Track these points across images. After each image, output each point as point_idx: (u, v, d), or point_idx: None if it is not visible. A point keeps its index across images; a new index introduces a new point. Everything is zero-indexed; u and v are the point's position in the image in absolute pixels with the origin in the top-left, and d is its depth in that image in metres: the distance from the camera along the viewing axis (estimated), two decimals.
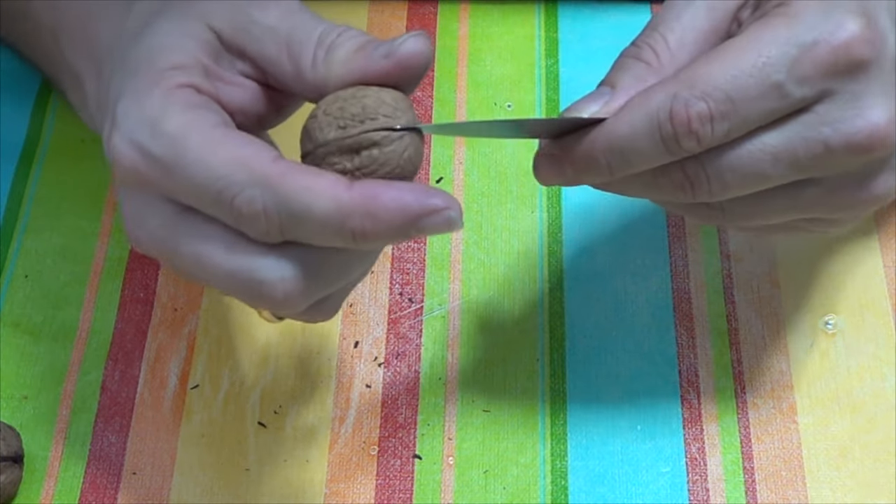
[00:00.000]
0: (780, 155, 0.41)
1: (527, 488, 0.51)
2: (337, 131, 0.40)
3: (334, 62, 0.41)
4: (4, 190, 0.60)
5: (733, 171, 0.42)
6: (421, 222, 0.38)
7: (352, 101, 0.40)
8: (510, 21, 0.66)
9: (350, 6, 0.66)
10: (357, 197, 0.38)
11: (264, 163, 0.39)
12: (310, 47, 0.41)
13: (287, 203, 0.38)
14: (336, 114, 0.40)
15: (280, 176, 0.38)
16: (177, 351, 0.55)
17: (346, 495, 0.51)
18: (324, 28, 0.41)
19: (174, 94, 0.40)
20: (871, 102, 0.41)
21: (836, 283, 0.57)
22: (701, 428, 0.53)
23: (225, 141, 0.39)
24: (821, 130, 0.41)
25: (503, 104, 0.63)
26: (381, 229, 0.38)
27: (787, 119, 0.41)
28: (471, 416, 0.53)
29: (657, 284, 0.57)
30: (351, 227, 0.38)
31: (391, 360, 0.55)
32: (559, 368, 0.54)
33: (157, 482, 0.52)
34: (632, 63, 0.43)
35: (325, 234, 0.39)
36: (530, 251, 0.58)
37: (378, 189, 0.38)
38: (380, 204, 0.38)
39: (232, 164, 0.39)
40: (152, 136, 0.39)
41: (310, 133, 0.40)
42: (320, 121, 0.40)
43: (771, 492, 0.51)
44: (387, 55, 0.40)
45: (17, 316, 0.56)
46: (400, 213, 0.38)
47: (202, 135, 0.39)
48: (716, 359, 0.55)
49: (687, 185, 0.42)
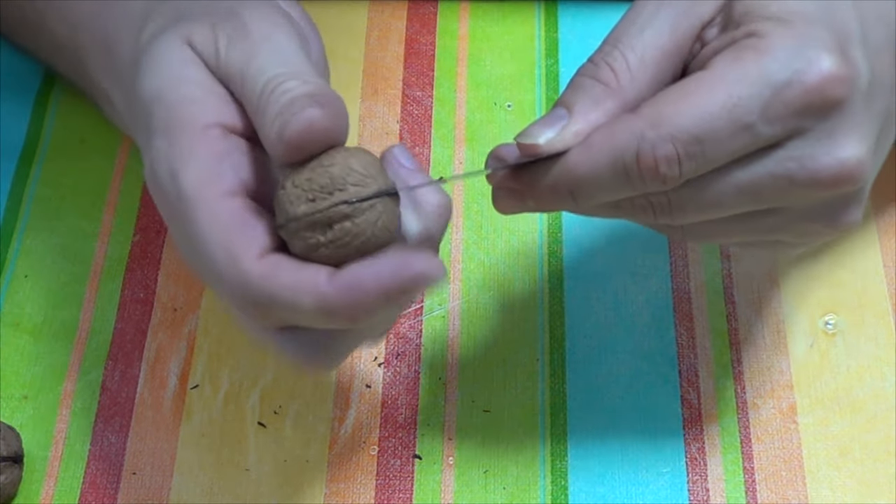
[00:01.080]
0: (745, 189, 0.40)
1: (527, 488, 0.51)
2: (307, 205, 0.39)
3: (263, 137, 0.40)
4: (4, 190, 0.60)
5: (696, 202, 0.41)
6: (406, 295, 0.38)
7: (319, 171, 0.39)
8: (510, 21, 0.66)
9: (350, 6, 0.66)
10: (339, 289, 0.38)
11: (251, 258, 0.38)
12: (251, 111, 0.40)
13: (274, 303, 0.38)
14: (304, 186, 0.39)
15: (261, 278, 0.38)
16: (177, 351, 0.55)
17: (346, 495, 0.51)
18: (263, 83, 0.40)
19: (200, 141, 0.40)
20: (841, 140, 0.40)
21: (836, 283, 0.57)
22: (701, 428, 0.53)
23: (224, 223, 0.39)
24: (787, 166, 0.40)
25: (503, 104, 0.63)
26: (368, 311, 0.38)
27: (754, 155, 0.40)
28: (471, 416, 0.53)
29: (657, 284, 0.57)
30: (340, 317, 0.38)
31: (391, 360, 0.55)
32: (559, 368, 0.54)
33: (157, 482, 0.52)
34: (589, 84, 0.42)
35: (318, 322, 0.39)
36: (530, 251, 0.58)
37: (357, 274, 0.38)
38: (362, 292, 0.38)
39: (224, 253, 0.39)
40: (172, 186, 0.40)
41: (281, 205, 0.39)
42: (289, 193, 0.39)
43: (771, 492, 0.51)
44: (279, 137, 0.39)
45: (17, 316, 0.56)
46: (382, 293, 0.38)
47: (209, 208, 0.39)
48: (716, 359, 0.55)
49: (649, 209, 0.42)
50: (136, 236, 0.58)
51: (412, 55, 0.64)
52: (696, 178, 0.40)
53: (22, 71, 0.62)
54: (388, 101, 0.63)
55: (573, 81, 0.42)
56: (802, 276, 0.57)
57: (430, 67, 0.64)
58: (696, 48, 0.42)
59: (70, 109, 0.62)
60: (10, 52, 0.63)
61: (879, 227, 0.58)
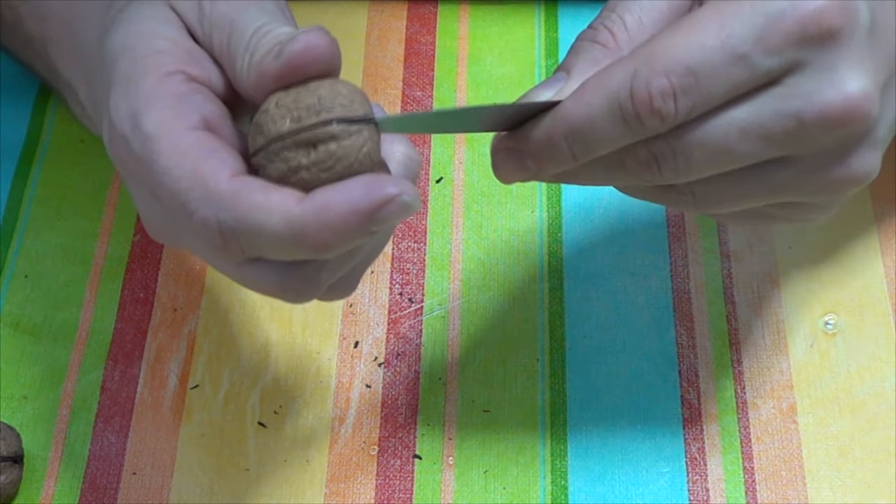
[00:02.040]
0: (750, 130, 0.39)
1: (527, 488, 0.51)
2: (291, 124, 0.38)
3: (252, 67, 0.39)
4: (4, 190, 0.60)
5: (701, 148, 0.40)
6: (376, 216, 0.37)
7: (305, 93, 0.38)
8: (510, 21, 0.66)
9: (350, 6, 0.66)
10: (308, 209, 0.37)
11: (220, 180, 0.37)
12: (240, 51, 0.40)
13: (241, 225, 0.37)
14: (290, 105, 0.38)
15: (232, 195, 0.37)
16: (177, 351, 0.55)
17: (346, 495, 0.51)
18: (255, 27, 0.40)
19: (161, 84, 0.39)
20: (844, 74, 0.39)
21: (836, 283, 0.57)
22: (701, 428, 0.53)
23: (190, 151, 0.38)
24: (792, 103, 0.39)
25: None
26: (339, 236, 0.37)
27: (756, 92, 0.39)
28: (471, 416, 0.53)
29: (657, 284, 0.57)
30: (308, 241, 0.37)
31: (391, 360, 0.55)
32: (559, 368, 0.54)
33: (157, 482, 0.52)
34: (587, 46, 0.42)
35: (286, 249, 0.38)
36: (530, 251, 0.58)
37: (328, 195, 0.37)
38: (331, 211, 0.36)
39: (191, 178, 0.37)
40: (133, 132, 0.39)
41: (261, 127, 0.38)
42: (272, 114, 0.38)
43: (771, 492, 0.51)
44: (278, 55, 0.38)
45: (17, 316, 0.56)
46: (352, 214, 0.36)
47: (171, 141, 0.38)
48: (716, 359, 0.55)
49: (653, 163, 0.40)
50: (136, 236, 0.58)
51: (412, 55, 0.64)
52: (698, 121, 0.39)
53: (22, 73, 0.62)
54: (388, 101, 0.63)
55: (573, 46, 0.42)
56: (802, 276, 0.57)
57: (430, 67, 0.64)
58: (695, 7, 0.41)
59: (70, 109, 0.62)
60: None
61: (879, 227, 0.58)
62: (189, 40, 0.41)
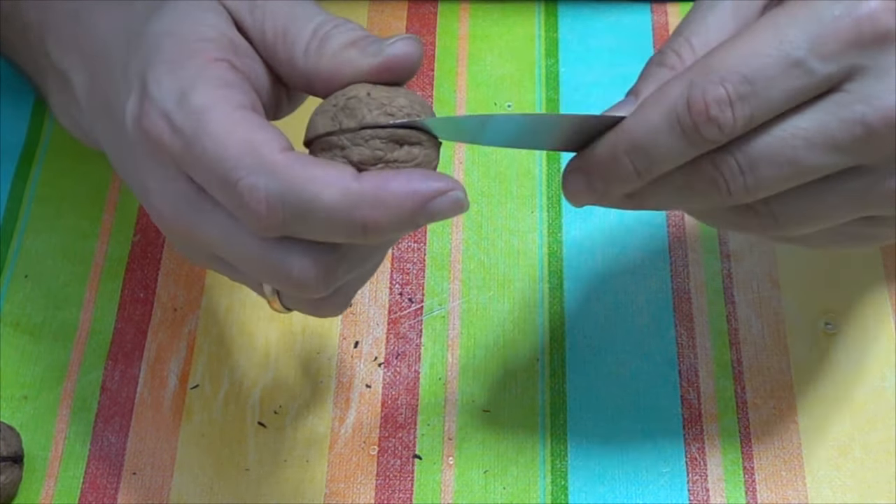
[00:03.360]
0: (815, 138, 0.39)
1: (527, 488, 0.51)
2: (386, 117, 0.39)
3: (325, 54, 0.40)
4: (4, 190, 0.60)
5: (767, 160, 0.39)
6: (430, 206, 0.38)
7: (395, 93, 0.39)
8: (510, 21, 0.66)
9: (350, 6, 0.66)
10: (367, 186, 0.37)
11: (274, 151, 0.38)
12: (304, 36, 0.41)
13: (293, 193, 0.37)
14: (383, 100, 0.39)
15: (287, 166, 0.38)
16: (177, 351, 0.55)
17: (346, 495, 0.51)
18: (322, 18, 0.41)
19: (209, 68, 0.40)
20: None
21: (836, 283, 0.57)
22: (701, 428, 0.53)
23: (242, 123, 0.39)
24: (856, 109, 0.38)
25: (503, 104, 0.63)
26: (391, 218, 0.38)
27: (818, 100, 0.39)
28: (471, 416, 0.53)
29: (657, 284, 0.57)
30: (360, 218, 0.37)
31: (391, 360, 0.55)
32: (559, 368, 0.54)
33: (157, 482, 0.52)
34: (655, 70, 0.42)
35: (332, 225, 0.38)
36: (530, 251, 0.58)
37: (386, 177, 0.38)
38: (388, 191, 0.37)
39: (243, 146, 0.38)
40: (179, 106, 0.39)
41: (352, 110, 0.39)
42: (366, 102, 0.39)
43: (771, 492, 0.51)
44: (376, 54, 0.40)
45: (17, 316, 0.56)
46: (409, 197, 0.37)
47: (223, 113, 0.39)
48: (716, 359, 0.55)
49: (720, 180, 0.40)
50: (136, 236, 0.58)
51: None
52: (760, 131, 0.39)
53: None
54: None
55: (642, 72, 0.43)
56: (802, 276, 0.57)
57: (430, 67, 0.64)
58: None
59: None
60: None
61: None
62: (235, 33, 0.42)
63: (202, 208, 0.40)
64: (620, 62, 0.64)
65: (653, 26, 0.65)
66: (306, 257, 0.39)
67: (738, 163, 0.40)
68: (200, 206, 0.40)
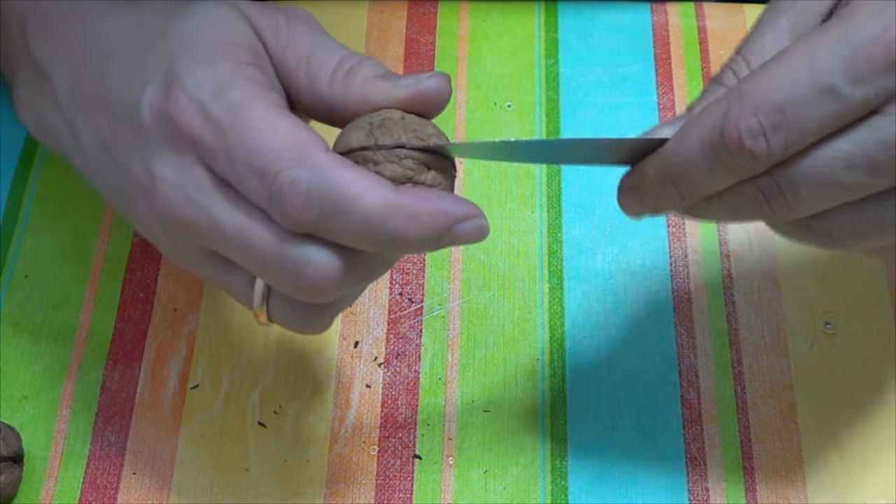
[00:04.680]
0: (855, 161, 0.39)
1: (527, 488, 0.51)
2: (419, 142, 0.41)
3: (354, 82, 0.42)
4: (4, 190, 0.60)
5: (808, 183, 0.39)
6: (457, 228, 0.40)
7: (424, 122, 0.42)
8: (510, 21, 0.66)
9: (350, 6, 0.66)
10: (403, 199, 0.39)
11: (319, 149, 0.39)
12: (329, 65, 0.42)
13: (334, 191, 0.39)
14: (415, 126, 0.41)
15: (333, 165, 0.39)
16: (177, 351, 0.55)
17: (346, 495, 0.51)
18: (347, 52, 0.43)
19: (243, 69, 0.41)
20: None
21: (836, 283, 0.57)
22: (701, 428, 0.53)
23: (286, 120, 0.40)
24: (892, 131, 0.38)
25: (503, 104, 0.63)
26: (421, 233, 0.39)
27: (857, 123, 0.39)
28: (471, 416, 0.53)
29: (657, 284, 0.57)
30: (392, 227, 0.39)
31: (391, 360, 0.55)
32: (559, 368, 0.54)
33: (157, 482, 0.52)
34: (713, 88, 0.42)
35: (364, 230, 0.39)
36: (530, 251, 0.58)
37: (421, 194, 0.40)
38: (423, 207, 0.39)
39: (288, 140, 0.39)
40: (216, 98, 0.40)
41: (390, 131, 0.41)
42: (401, 124, 0.41)
43: (771, 492, 0.51)
44: (411, 85, 0.42)
45: (17, 316, 0.56)
46: (441, 216, 0.39)
47: (264, 109, 0.40)
48: (716, 359, 0.55)
49: (762, 200, 0.40)
50: (136, 236, 0.58)
51: (412, 55, 0.64)
52: (800, 157, 0.39)
53: None
54: None
55: (703, 90, 0.43)
56: (802, 276, 0.57)
57: (430, 67, 0.64)
58: None
59: None
60: None
61: None
62: (258, 43, 0.43)
63: (217, 198, 0.41)
64: (620, 62, 0.64)
65: (653, 26, 0.65)
66: (323, 257, 0.40)
67: (778, 185, 0.40)
68: (216, 196, 0.41)
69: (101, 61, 0.45)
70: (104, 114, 0.44)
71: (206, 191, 0.41)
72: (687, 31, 0.65)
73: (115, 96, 0.44)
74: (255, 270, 0.42)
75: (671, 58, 0.64)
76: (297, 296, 0.41)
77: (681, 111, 0.62)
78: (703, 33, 0.65)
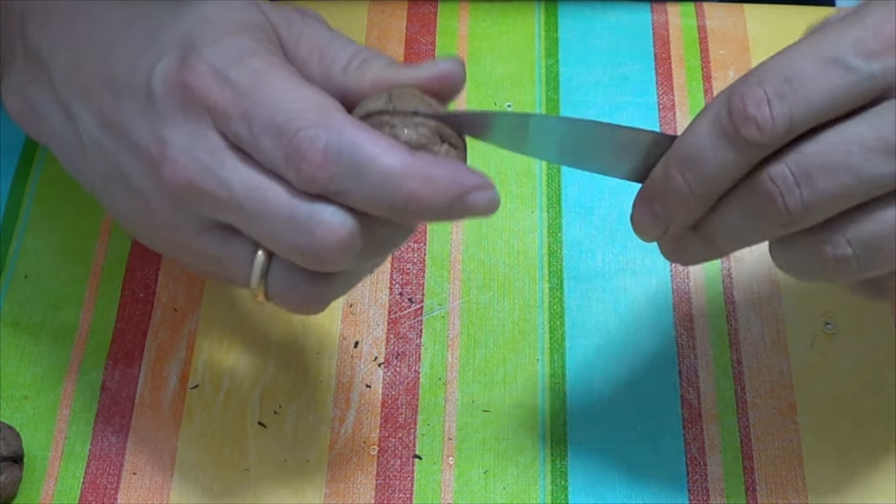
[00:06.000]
0: (870, 143, 0.38)
1: (527, 488, 0.51)
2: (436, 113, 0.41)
3: (369, 69, 0.43)
4: (4, 190, 0.60)
5: (821, 168, 0.38)
6: (470, 197, 0.40)
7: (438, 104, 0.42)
8: (510, 21, 0.66)
9: (350, 6, 0.66)
10: (420, 162, 0.40)
11: (338, 110, 0.40)
12: (343, 56, 0.43)
13: (352, 150, 0.39)
14: (432, 101, 0.42)
15: (352, 125, 0.40)
16: (177, 351, 0.55)
17: (346, 495, 0.51)
18: (361, 47, 0.44)
19: (262, 43, 0.42)
20: None
21: (836, 283, 0.57)
22: (701, 428, 0.53)
23: (305, 86, 0.41)
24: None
25: (503, 104, 0.63)
26: (435, 198, 0.39)
27: (872, 105, 0.38)
28: (471, 416, 0.53)
29: (657, 284, 0.57)
30: (407, 189, 0.39)
31: (391, 360, 0.55)
32: (559, 368, 0.54)
33: (157, 482, 0.52)
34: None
35: (380, 191, 0.39)
36: (530, 251, 0.58)
37: (436, 160, 0.40)
38: (439, 172, 0.40)
39: (309, 102, 0.40)
40: (236, 64, 0.41)
41: (408, 99, 0.41)
42: (418, 97, 0.42)
43: (771, 492, 0.51)
44: (430, 67, 0.42)
45: (17, 316, 0.56)
46: (456, 183, 0.40)
47: (285, 75, 0.41)
48: (716, 359, 0.55)
49: (776, 193, 0.39)
50: None
51: (412, 55, 0.64)
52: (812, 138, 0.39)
53: None
54: None
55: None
56: None
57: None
58: None
59: None
60: None
61: None
62: (273, 31, 0.44)
63: (228, 161, 0.41)
64: (620, 62, 0.64)
65: (653, 26, 0.65)
66: (336, 217, 0.40)
67: (791, 173, 0.39)
68: (227, 159, 0.41)
69: (108, 47, 0.45)
70: (110, 92, 0.44)
71: (218, 154, 0.41)
72: (687, 31, 0.65)
73: (123, 75, 0.44)
74: (263, 234, 0.41)
75: (671, 58, 0.64)
76: (305, 261, 0.41)
77: (681, 111, 0.62)
78: (703, 33, 0.65)
